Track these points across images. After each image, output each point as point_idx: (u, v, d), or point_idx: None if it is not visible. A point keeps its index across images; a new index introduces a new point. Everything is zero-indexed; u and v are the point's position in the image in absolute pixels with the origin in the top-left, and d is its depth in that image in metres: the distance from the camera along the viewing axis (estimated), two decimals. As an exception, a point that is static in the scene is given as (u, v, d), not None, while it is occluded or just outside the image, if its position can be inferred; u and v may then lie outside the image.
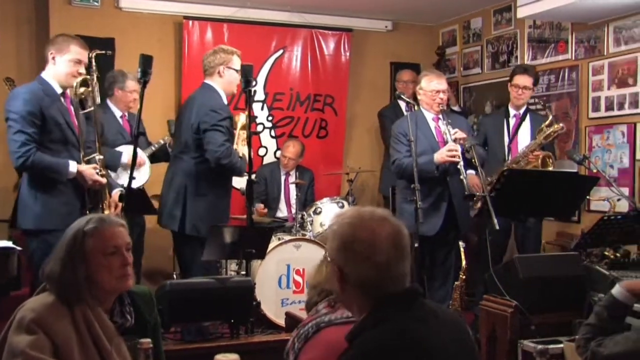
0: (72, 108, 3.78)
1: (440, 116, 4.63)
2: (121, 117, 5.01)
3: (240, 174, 4.27)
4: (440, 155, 4.44)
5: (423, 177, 4.37)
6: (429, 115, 4.72)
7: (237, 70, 4.26)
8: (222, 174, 4.20)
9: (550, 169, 4.69)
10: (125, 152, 4.70)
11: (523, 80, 5.06)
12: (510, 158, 4.97)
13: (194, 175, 4.19)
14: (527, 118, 5.11)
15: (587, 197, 4.77)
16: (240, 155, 4.16)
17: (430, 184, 4.50)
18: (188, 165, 4.22)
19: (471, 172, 4.54)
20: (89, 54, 3.88)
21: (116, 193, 3.95)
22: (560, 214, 4.63)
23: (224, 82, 4.27)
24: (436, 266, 4.70)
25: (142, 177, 4.88)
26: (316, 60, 6.55)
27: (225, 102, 4.31)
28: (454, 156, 4.38)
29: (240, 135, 4.35)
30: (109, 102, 4.96)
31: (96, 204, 3.75)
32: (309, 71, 6.53)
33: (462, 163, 4.33)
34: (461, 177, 4.30)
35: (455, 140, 4.45)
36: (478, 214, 4.01)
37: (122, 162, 4.66)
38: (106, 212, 3.73)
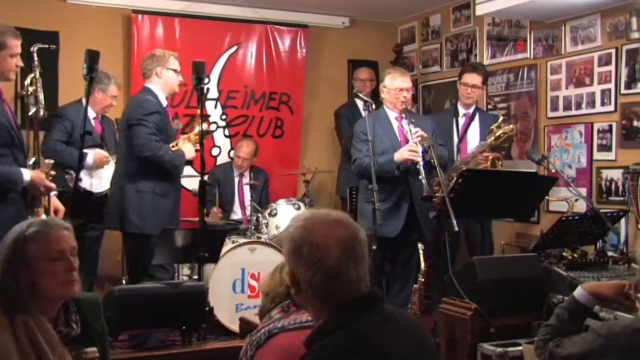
0: (9, 107, 3.63)
1: (404, 115, 4.66)
2: (94, 118, 5.08)
3: (175, 170, 4.37)
4: (401, 154, 4.48)
5: (384, 177, 4.41)
6: (392, 114, 4.75)
7: (175, 70, 4.47)
8: (164, 171, 4.32)
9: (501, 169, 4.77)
10: (91, 153, 4.76)
11: (472, 78, 5.12)
12: (459, 158, 5.02)
13: (132, 173, 4.33)
14: (476, 118, 5.18)
15: (546, 197, 4.86)
16: (174, 149, 4.30)
17: (392, 184, 4.54)
18: (126, 163, 4.37)
19: None
20: (32, 49, 3.81)
21: (52, 197, 3.79)
22: (519, 214, 4.69)
23: (163, 83, 4.45)
24: (397, 269, 4.73)
25: (105, 181, 4.83)
26: (271, 57, 6.53)
27: (165, 102, 4.46)
28: (414, 156, 4.42)
29: (192, 137, 4.41)
30: (84, 101, 4.87)
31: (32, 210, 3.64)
32: (264, 68, 6.50)
33: (421, 163, 4.37)
34: (420, 177, 4.34)
35: (415, 138, 4.49)
36: (437, 215, 4.04)
37: (87, 164, 4.77)
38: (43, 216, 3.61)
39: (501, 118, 4.98)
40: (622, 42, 4.93)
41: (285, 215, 5.41)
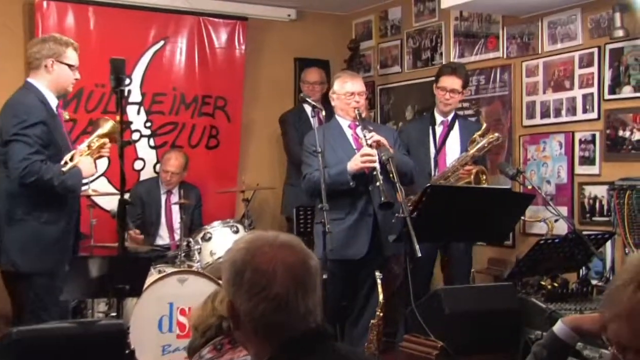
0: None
1: (357, 122, 4.71)
2: None
3: (70, 192, 4.15)
4: (354, 162, 4.52)
5: (339, 190, 4.45)
6: (345, 123, 4.81)
7: (71, 66, 4.24)
8: (53, 195, 4.08)
9: (485, 185, 4.83)
10: None
11: (451, 81, 5.16)
12: (437, 173, 5.06)
13: (12, 195, 4.09)
14: (456, 126, 5.24)
15: (522, 217, 4.94)
16: (69, 164, 4.08)
17: (352, 198, 4.60)
18: (6, 183, 4.11)
19: None
20: None
21: None
22: (492, 237, 4.75)
23: (53, 80, 4.23)
24: (358, 298, 4.77)
25: None
26: (205, 54, 6.52)
27: (54, 103, 4.24)
28: (369, 162, 4.46)
29: (93, 144, 4.25)
30: None
31: None
32: (196, 67, 6.49)
33: (378, 168, 4.42)
34: (377, 184, 4.39)
35: (371, 146, 4.54)
36: (397, 239, 4.06)
37: None
38: None
39: (484, 125, 5.04)
40: (605, 41, 5.05)
41: (221, 239, 5.39)
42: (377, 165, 4.44)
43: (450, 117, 5.25)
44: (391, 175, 4.29)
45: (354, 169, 4.53)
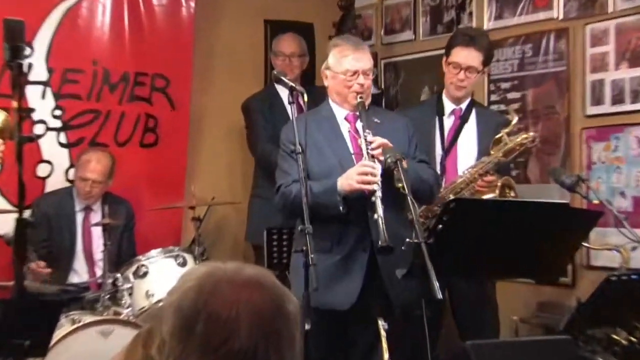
0: None
1: (359, 114, 4.69)
2: None
3: None
4: (348, 181, 4.46)
5: (323, 215, 4.43)
6: (341, 112, 4.78)
7: None
8: None
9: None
10: None
11: (466, 55, 5.20)
12: (445, 183, 5.09)
13: None
14: (473, 117, 5.28)
15: (585, 244, 4.94)
16: None
17: (342, 224, 4.58)
18: None
19: None
20: None
21: None
22: (542, 272, 4.74)
23: None
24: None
25: None
26: (138, 15, 6.53)
27: None
28: (368, 182, 4.44)
29: None
30: None
31: None
32: (126, 33, 6.49)
33: (379, 192, 4.39)
34: (375, 216, 4.35)
35: (373, 157, 4.51)
36: (408, 274, 4.06)
37: None
38: None
39: (515, 118, 5.05)
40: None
41: (161, 275, 5.41)
42: (377, 188, 4.40)
43: (464, 105, 5.29)
44: (400, 186, 4.27)
45: (346, 189, 4.49)
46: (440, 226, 3.94)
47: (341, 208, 4.48)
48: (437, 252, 3.88)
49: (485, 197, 4.87)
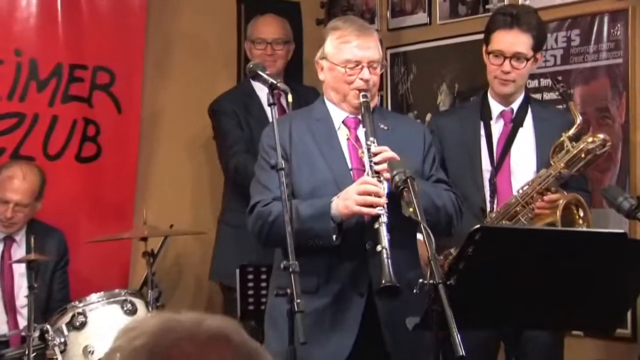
0: None
1: (362, 117, 4.70)
2: None
3: None
4: (345, 202, 4.44)
5: (310, 247, 4.44)
6: (339, 115, 4.79)
7: None
8: None
9: (582, 228, 4.86)
10: None
11: (509, 40, 5.20)
12: (495, 206, 5.11)
13: None
14: (529, 119, 5.29)
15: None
16: None
17: (332, 258, 4.57)
18: None
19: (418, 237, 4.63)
20: None
21: None
22: (593, 322, 4.76)
23: None
24: None
25: None
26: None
27: None
28: (371, 204, 4.46)
29: None
30: None
31: None
32: (59, 16, 6.50)
33: (384, 219, 4.40)
34: (378, 247, 4.34)
35: (377, 173, 4.49)
36: (421, 324, 4.07)
37: None
38: None
39: (579, 118, 5.05)
40: None
41: (103, 326, 5.41)
42: (383, 212, 4.41)
43: (516, 105, 5.30)
44: (411, 210, 4.28)
45: (342, 213, 4.48)
46: (463, 263, 3.97)
47: (334, 238, 4.46)
48: (459, 297, 3.91)
49: (546, 222, 4.88)
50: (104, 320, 5.45)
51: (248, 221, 4.71)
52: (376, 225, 4.35)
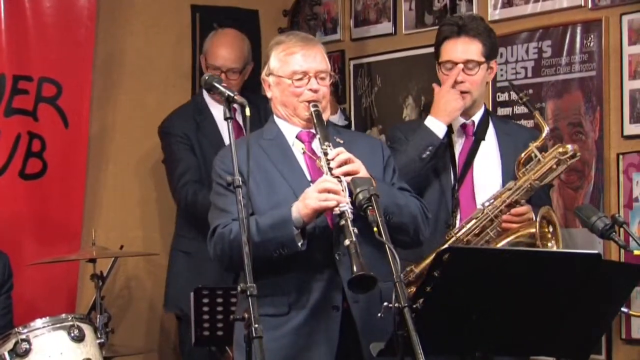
0: None
1: (315, 125, 4.68)
2: None
3: None
4: (305, 202, 4.44)
5: (275, 260, 4.44)
6: (291, 131, 4.80)
7: None
8: None
9: (552, 247, 4.88)
10: None
11: (458, 48, 5.27)
12: (458, 221, 5.13)
13: None
14: (491, 132, 5.33)
15: (624, 309, 4.93)
16: None
17: (303, 275, 4.56)
18: None
19: None
20: None
21: None
22: (566, 347, 4.73)
23: None
24: None
25: None
26: (18, 2, 6.53)
27: None
28: (333, 197, 4.41)
29: None
30: None
31: None
32: (2, 24, 6.49)
33: (349, 212, 4.37)
34: (346, 242, 4.33)
35: (338, 177, 4.45)
36: (386, 350, 4.04)
37: None
38: None
39: (546, 129, 5.10)
40: None
41: (49, 353, 5.38)
42: (347, 207, 4.38)
43: (477, 118, 5.33)
44: (375, 228, 4.26)
45: (304, 214, 4.46)
46: (431, 285, 3.93)
47: (300, 244, 4.44)
48: (426, 320, 3.88)
49: (514, 237, 4.90)
50: (50, 347, 5.41)
51: (209, 245, 4.69)
52: (342, 222, 4.35)
